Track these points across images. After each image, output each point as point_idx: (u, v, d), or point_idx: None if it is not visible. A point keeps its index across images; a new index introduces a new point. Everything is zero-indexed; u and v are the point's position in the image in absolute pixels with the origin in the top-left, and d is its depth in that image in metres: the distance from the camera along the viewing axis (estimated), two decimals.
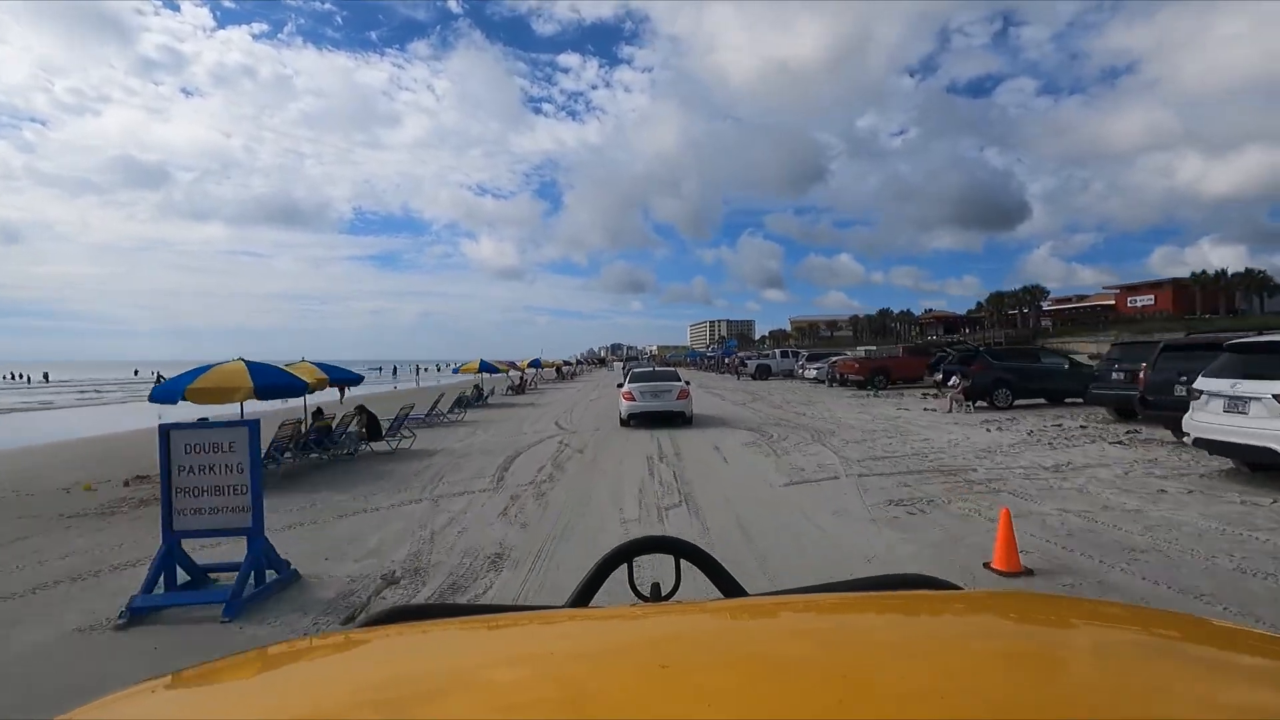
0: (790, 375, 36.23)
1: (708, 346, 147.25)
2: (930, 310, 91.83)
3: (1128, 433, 10.80)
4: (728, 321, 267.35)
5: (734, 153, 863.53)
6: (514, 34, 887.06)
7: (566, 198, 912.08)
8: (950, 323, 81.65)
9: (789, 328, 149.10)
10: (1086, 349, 31.62)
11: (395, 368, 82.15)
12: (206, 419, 7.13)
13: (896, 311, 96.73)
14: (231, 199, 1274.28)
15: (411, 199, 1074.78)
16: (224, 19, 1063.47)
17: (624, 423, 13.97)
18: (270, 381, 8.53)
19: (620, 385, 15.13)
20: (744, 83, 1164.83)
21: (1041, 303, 61.54)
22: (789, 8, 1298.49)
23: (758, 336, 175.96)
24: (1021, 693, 0.53)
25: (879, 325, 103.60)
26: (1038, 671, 0.59)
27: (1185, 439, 7.39)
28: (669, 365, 63.32)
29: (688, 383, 14.99)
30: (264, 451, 6.61)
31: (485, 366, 25.10)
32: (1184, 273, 57.31)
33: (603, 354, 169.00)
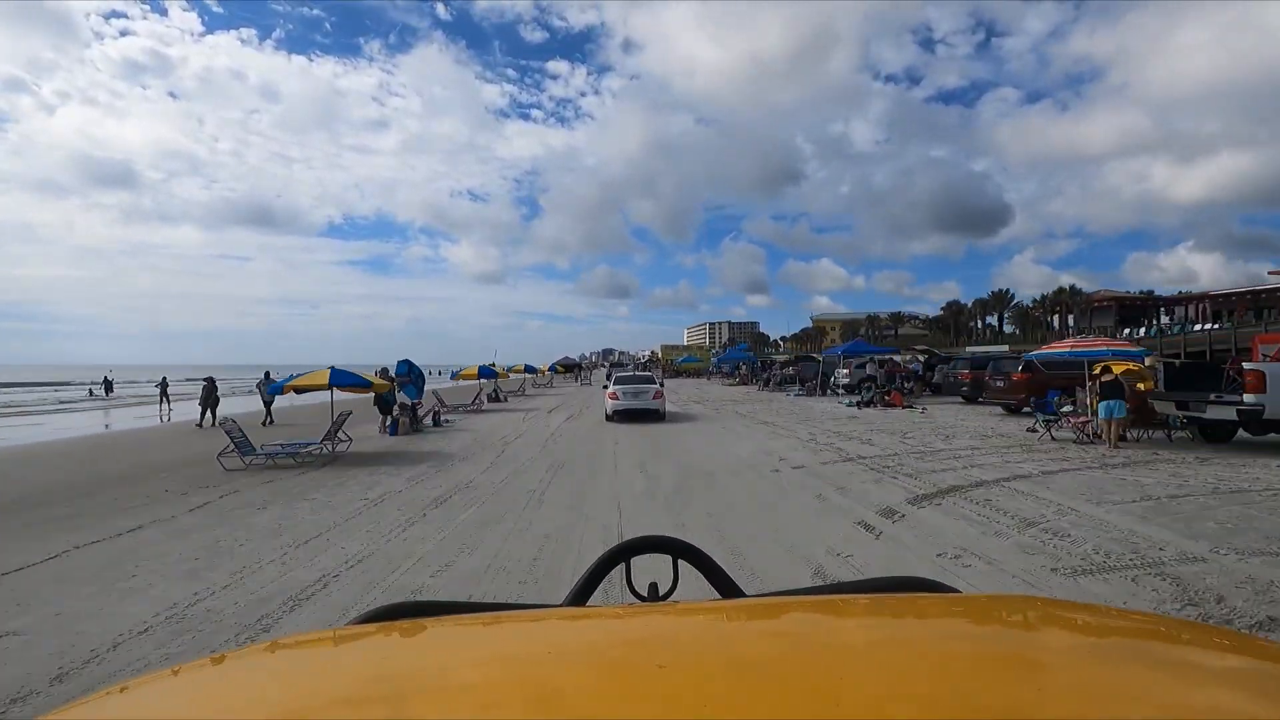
0: None
1: (712, 351, 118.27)
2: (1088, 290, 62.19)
3: None
4: (729, 323, 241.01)
5: (714, 158, 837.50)
6: (504, 41, 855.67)
7: (552, 203, 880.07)
8: (1134, 306, 53.79)
9: (811, 325, 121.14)
10: None
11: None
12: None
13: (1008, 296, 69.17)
14: (218, 203, 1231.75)
15: (400, 204, 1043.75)
16: (211, 24, 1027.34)
17: (609, 418, 16.34)
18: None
19: (606, 387, 18.48)
20: (724, 88, 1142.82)
21: None
22: (763, 9, 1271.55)
23: (774, 338, 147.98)
24: (1018, 695, 0.52)
25: (965, 319, 76.06)
26: (1034, 674, 0.58)
27: None
28: (679, 371, 56.55)
29: (663, 384, 19.23)
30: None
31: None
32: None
33: (593, 359, 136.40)
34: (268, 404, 17.81)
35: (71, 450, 14.12)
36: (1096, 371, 10.54)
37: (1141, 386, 10.39)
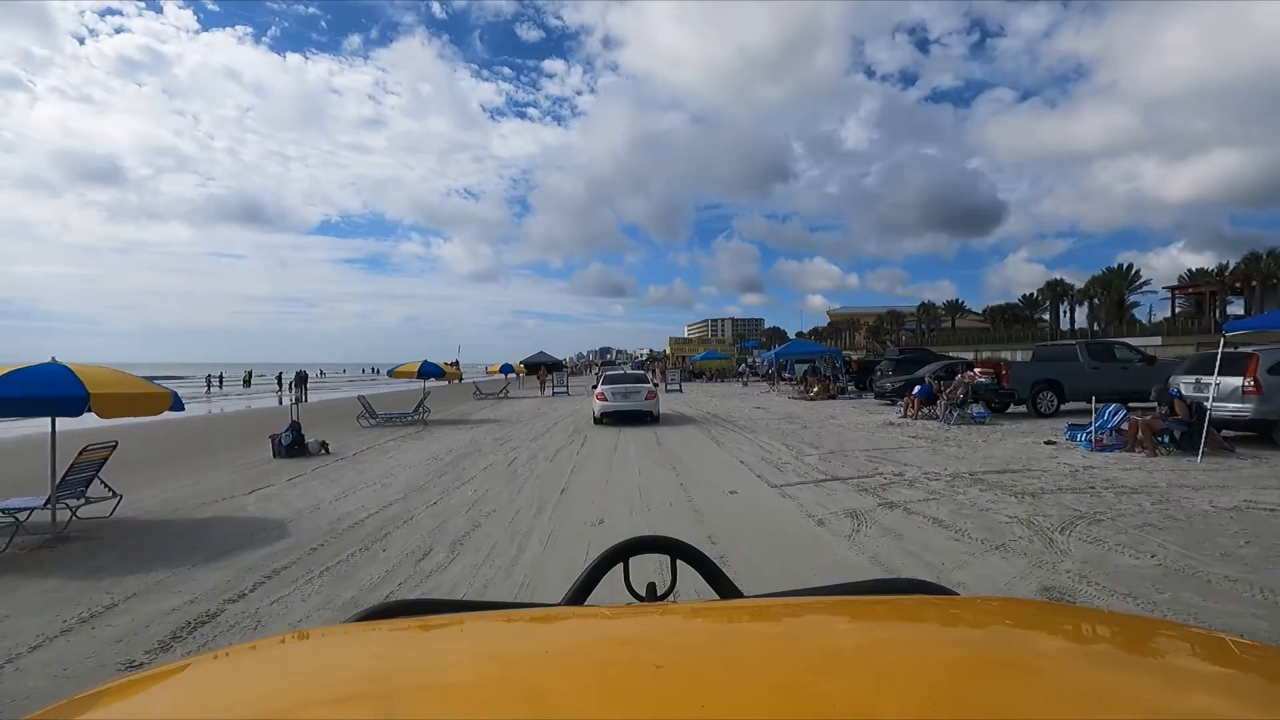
0: None
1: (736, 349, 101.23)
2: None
3: None
4: (733, 320, 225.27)
5: (706, 157, 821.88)
6: (491, 38, 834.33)
7: (543, 201, 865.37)
8: None
9: (829, 321, 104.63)
10: None
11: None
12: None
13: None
14: (213, 201, 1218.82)
15: (393, 201, 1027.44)
16: (207, 22, 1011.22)
17: (597, 420, 15.11)
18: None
19: (595, 387, 16.86)
20: (715, 88, 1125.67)
21: None
22: (761, 9, 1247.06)
23: (795, 333, 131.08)
24: (1013, 698, 0.52)
25: (1072, 302, 59.61)
26: (1029, 677, 0.57)
27: None
28: (697, 371, 47.22)
29: (656, 384, 18.40)
30: None
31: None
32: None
33: (589, 358, 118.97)
34: None
35: None
36: None
37: None
